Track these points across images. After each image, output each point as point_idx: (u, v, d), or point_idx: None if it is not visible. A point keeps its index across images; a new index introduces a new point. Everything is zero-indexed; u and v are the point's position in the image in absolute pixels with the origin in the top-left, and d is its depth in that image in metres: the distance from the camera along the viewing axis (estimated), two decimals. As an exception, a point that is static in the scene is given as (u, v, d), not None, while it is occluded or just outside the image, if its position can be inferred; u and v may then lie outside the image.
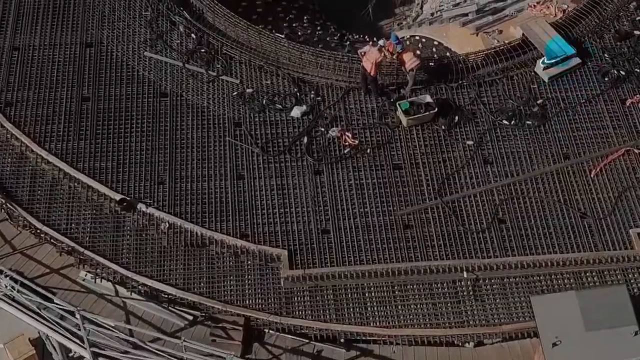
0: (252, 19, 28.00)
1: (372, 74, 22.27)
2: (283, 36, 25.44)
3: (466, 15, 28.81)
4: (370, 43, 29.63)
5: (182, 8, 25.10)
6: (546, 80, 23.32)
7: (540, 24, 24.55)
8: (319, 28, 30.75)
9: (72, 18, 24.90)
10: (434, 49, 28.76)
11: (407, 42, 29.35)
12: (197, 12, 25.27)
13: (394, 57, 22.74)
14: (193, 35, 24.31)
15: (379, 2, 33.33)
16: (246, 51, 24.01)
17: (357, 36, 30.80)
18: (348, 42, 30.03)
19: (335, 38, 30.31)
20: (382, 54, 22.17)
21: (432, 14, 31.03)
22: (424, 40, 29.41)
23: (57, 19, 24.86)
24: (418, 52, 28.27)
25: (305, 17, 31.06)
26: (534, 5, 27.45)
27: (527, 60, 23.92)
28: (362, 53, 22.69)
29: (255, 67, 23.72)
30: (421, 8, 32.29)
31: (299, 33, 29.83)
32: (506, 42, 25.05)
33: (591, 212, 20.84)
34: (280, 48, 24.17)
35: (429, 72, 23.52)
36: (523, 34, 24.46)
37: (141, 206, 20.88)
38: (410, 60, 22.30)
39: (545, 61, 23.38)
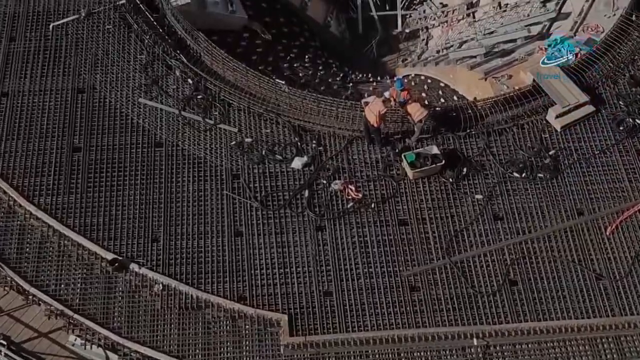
0: (251, 60, 27.12)
1: (375, 125, 21.25)
2: (283, 82, 24.29)
3: (474, 57, 27.83)
4: (374, 84, 28.98)
5: (178, 51, 24.07)
6: (558, 130, 22.34)
7: (552, 69, 23.60)
8: (320, 67, 29.77)
9: (64, 62, 23.74)
10: (440, 92, 27.78)
11: (412, 83, 28.45)
12: (195, 55, 24.26)
13: (398, 104, 21.72)
14: (190, 80, 23.28)
15: (382, 37, 32.57)
16: (245, 97, 22.99)
17: (360, 76, 29.87)
18: (351, 84, 29.05)
19: (338, 79, 29.32)
20: (387, 105, 21.09)
21: (437, 51, 30.10)
22: (429, 81, 28.46)
23: (48, 63, 23.67)
24: (424, 94, 27.37)
25: (306, 56, 30.07)
26: (545, 49, 26.39)
27: (538, 107, 22.92)
28: (365, 103, 21.60)
29: (255, 115, 22.72)
30: (426, 44, 31.40)
31: (300, 74, 28.83)
32: (516, 88, 24.03)
33: (607, 273, 19.94)
34: (281, 94, 23.19)
35: (436, 120, 22.52)
36: (534, 80, 23.45)
37: (134, 266, 19.90)
38: (417, 112, 21.20)
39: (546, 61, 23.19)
